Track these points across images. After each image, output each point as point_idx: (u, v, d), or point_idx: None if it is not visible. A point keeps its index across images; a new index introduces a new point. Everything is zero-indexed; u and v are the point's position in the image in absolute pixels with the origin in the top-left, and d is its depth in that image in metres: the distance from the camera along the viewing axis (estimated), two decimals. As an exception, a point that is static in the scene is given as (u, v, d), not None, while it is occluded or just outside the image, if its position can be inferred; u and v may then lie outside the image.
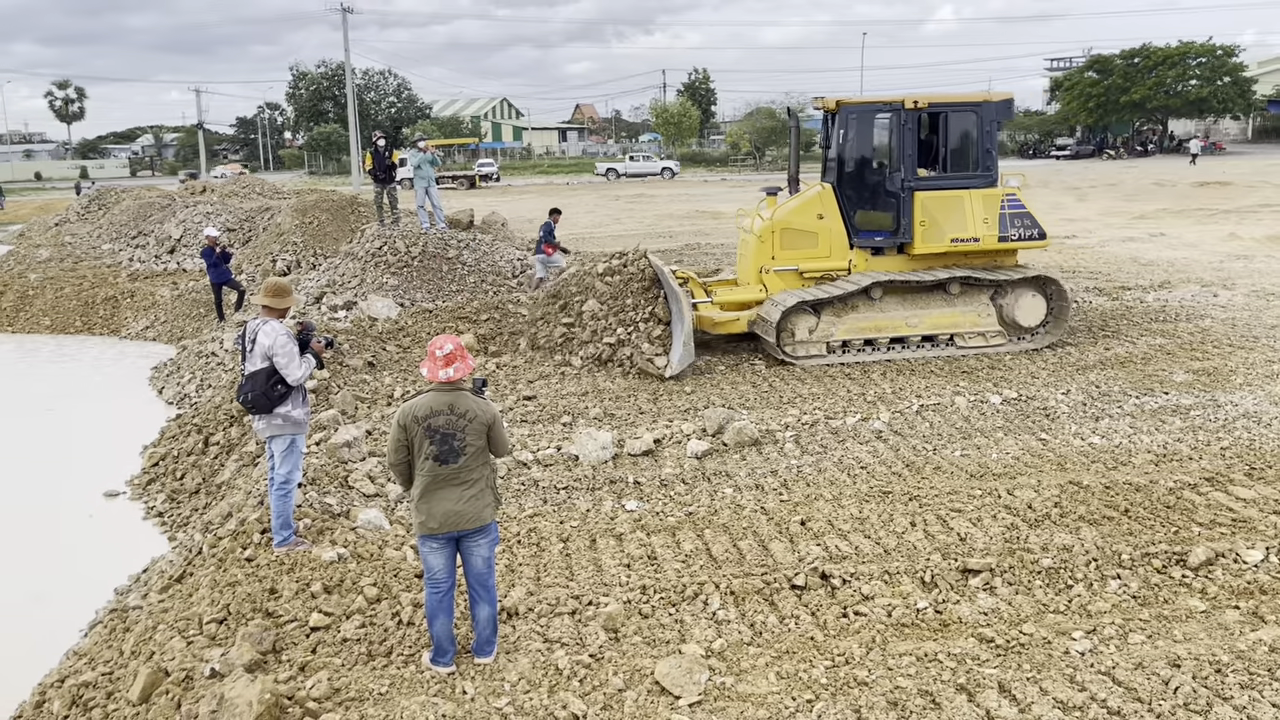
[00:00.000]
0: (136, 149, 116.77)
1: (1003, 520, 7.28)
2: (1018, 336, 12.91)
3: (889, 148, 12.83)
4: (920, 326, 12.64)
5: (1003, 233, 12.70)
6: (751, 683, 5.35)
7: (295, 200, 26.99)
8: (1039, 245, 13.07)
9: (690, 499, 8.13)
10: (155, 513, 9.88)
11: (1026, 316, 12.84)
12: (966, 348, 12.67)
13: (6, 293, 22.16)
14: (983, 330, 12.76)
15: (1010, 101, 13.17)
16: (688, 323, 11.94)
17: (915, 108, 12.59)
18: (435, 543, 5.49)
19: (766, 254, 12.91)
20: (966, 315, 12.75)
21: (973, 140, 12.86)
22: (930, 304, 12.74)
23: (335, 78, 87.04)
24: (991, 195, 12.73)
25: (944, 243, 12.59)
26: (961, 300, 12.78)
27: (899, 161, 12.63)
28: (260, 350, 6.70)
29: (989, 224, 12.65)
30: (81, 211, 34.47)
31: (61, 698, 5.95)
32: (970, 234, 12.63)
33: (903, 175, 12.62)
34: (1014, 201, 12.78)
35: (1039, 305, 12.87)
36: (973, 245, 12.66)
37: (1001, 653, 5.55)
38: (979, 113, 12.75)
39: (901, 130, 12.58)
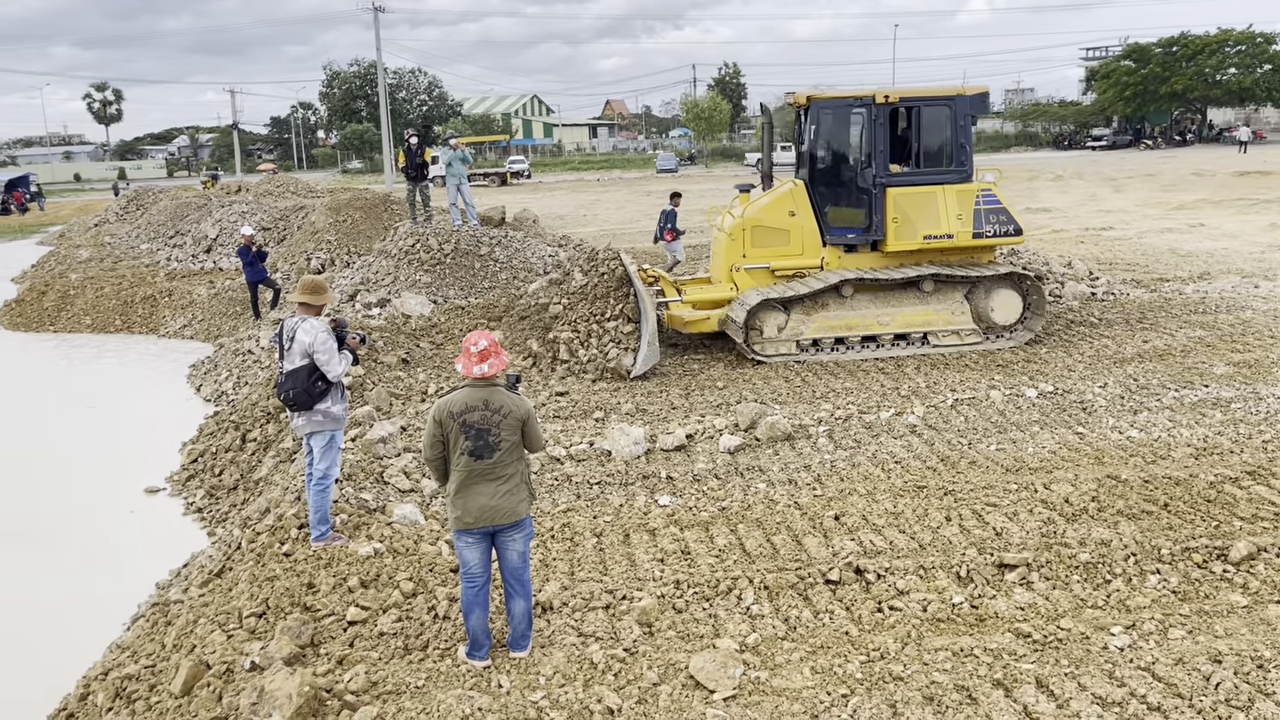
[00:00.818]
0: (173, 150, 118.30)
1: (1039, 515, 7.21)
2: (993, 335, 12.68)
3: (861, 143, 12.62)
4: (892, 325, 12.46)
5: (977, 229, 12.44)
6: (786, 677, 5.34)
7: (329, 199, 27.22)
8: (1014, 241, 12.85)
9: (723, 494, 8.13)
10: (195, 508, 10.02)
11: (1002, 314, 12.62)
12: (940, 346, 12.47)
13: (48, 292, 22.54)
14: (957, 328, 12.54)
15: (985, 95, 12.87)
16: (651, 322, 11.86)
17: (886, 102, 12.38)
18: (470, 537, 5.53)
19: (737, 252, 12.74)
20: (940, 313, 12.54)
21: (946, 135, 12.61)
22: (903, 302, 12.54)
23: (367, 77, 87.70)
24: (966, 191, 12.48)
25: (917, 240, 12.36)
26: (935, 298, 12.58)
27: (871, 157, 12.43)
28: (300, 347, 6.77)
29: (963, 220, 12.40)
30: (120, 212, 35.02)
31: (105, 690, 6.06)
32: (944, 230, 12.38)
33: (874, 171, 12.41)
34: (989, 197, 12.52)
35: (1014, 303, 12.63)
36: (946, 242, 12.41)
37: (1039, 648, 5.50)
38: (952, 107, 12.49)
39: (873, 125, 12.39)
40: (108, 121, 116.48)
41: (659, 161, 69.88)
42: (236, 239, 23.60)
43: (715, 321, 12.66)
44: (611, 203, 39.39)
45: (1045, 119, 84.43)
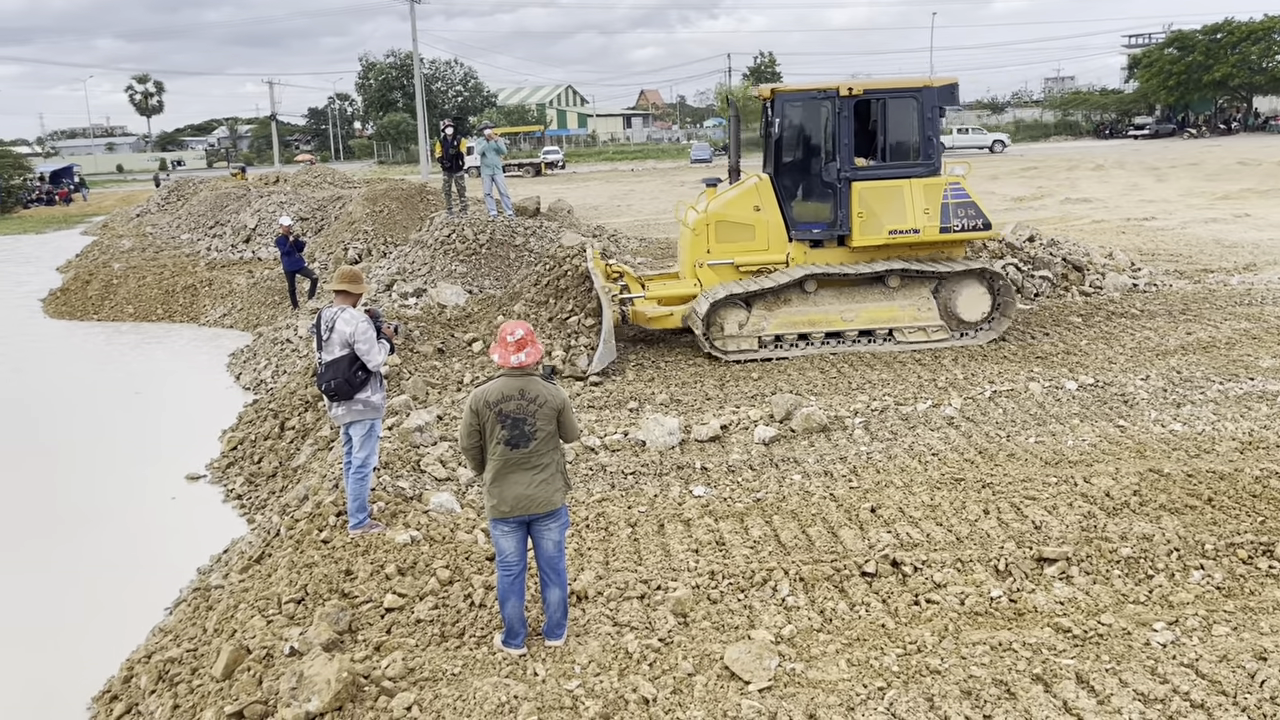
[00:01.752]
0: (213, 141, 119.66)
1: (1079, 508, 7.12)
2: (961, 332, 12.46)
3: (825, 136, 12.39)
4: (856, 321, 12.26)
5: (945, 224, 12.13)
6: (822, 669, 5.32)
7: (365, 189, 27.42)
8: (984, 236, 12.58)
9: (758, 485, 8.10)
10: (234, 495, 10.16)
11: (969, 310, 12.38)
12: (906, 343, 12.27)
13: (92, 281, 22.94)
14: (923, 325, 12.32)
15: (953, 87, 12.53)
16: (607, 320, 11.76)
17: (850, 95, 12.14)
18: (506, 526, 5.55)
19: (701, 248, 12.54)
20: (905, 309, 12.32)
21: (913, 127, 12.34)
22: (867, 297, 12.34)
23: (404, 67, 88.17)
24: (933, 185, 12.19)
25: (882, 235, 12.12)
26: (901, 294, 12.35)
27: (835, 151, 12.21)
28: (339, 337, 6.82)
29: (930, 215, 12.10)
30: (161, 202, 35.49)
31: (149, 673, 6.17)
32: (910, 225, 12.11)
33: (839, 165, 12.19)
34: (958, 191, 12.22)
35: (982, 299, 12.39)
36: (912, 237, 12.15)
37: (1079, 643, 5.44)
38: (919, 99, 12.21)
39: (837, 118, 12.17)
40: (149, 113, 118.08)
41: (693, 152, 69.66)
42: (274, 229, 23.84)
43: (679, 318, 12.49)
44: (645, 193, 39.33)
45: (1085, 107, 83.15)
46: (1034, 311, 13.98)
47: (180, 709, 5.65)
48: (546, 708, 5.03)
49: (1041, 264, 15.47)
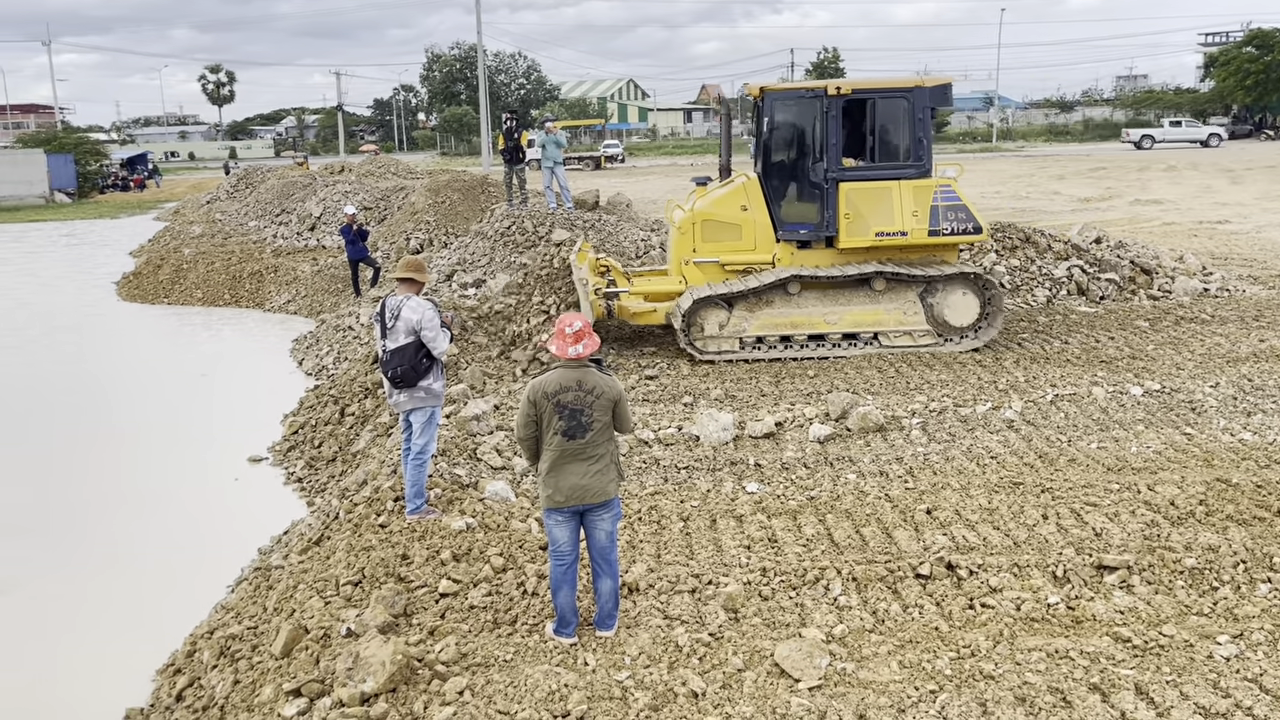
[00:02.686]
0: (280, 130, 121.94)
1: (1142, 516, 6.97)
2: (949, 337, 12.16)
3: (813, 136, 12.17)
4: (840, 324, 12.03)
5: (934, 226, 11.86)
6: (873, 670, 5.28)
7: (428, 180, 27.74)
8: (974, 240, 12.29)
9: (812, 483, 8.06)
10: (295, 478, 10.37)
11: (957, 316, 12.05)
12: (892, 347, 12.02)
13: (163, 266, 23.54)
14: (909, 329, 12.06)
15: (946, 87, 12.24)
16: (585, 314, 11.58)
17: (839, 94, 11.91)
18: (560, 516, 5.60)
19: (687, 246, 12.40)
20: (891, 313, 12.07)
21: (903, 128, 12.07)
22: (852, 300, 12.10)
23: (467, 60, 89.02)
24: (923, 187, 11.93)
25: (869, 237, 11.88)
26: (886, 297, 12.09)
27: (823, 151, 12.00)
28: (405, 325, 6.92)
29: (919, 217, 11.83)
30: (230, 190, 36.24)
31: (211, 648, 6.33)
32: (897, 227, 11.85)
33: (826, 165, 11.98)
34: (948, 193, 11.95)
35: (971, 304, 12.06)
36: (900, 239, 11.89)
37: (1139, 653, 5.33)
38: (910, 99, 11.94)
39: (825, 118, 11.95)
40: (221, 102, 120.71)
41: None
42: (339, 218, 24.23)
43: (663, 314, 12.39)
44: (705, 188, 39.26)
45: (1159, 107, 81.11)
46: (1099, 315, 13.70)
47: (240, 684, 5.80)
48: (596, 697, 5.06)
49: (1108, 266, 15.15)
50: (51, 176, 51.11)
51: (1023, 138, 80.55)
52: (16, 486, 10.52)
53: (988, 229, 12.27)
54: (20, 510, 9.85)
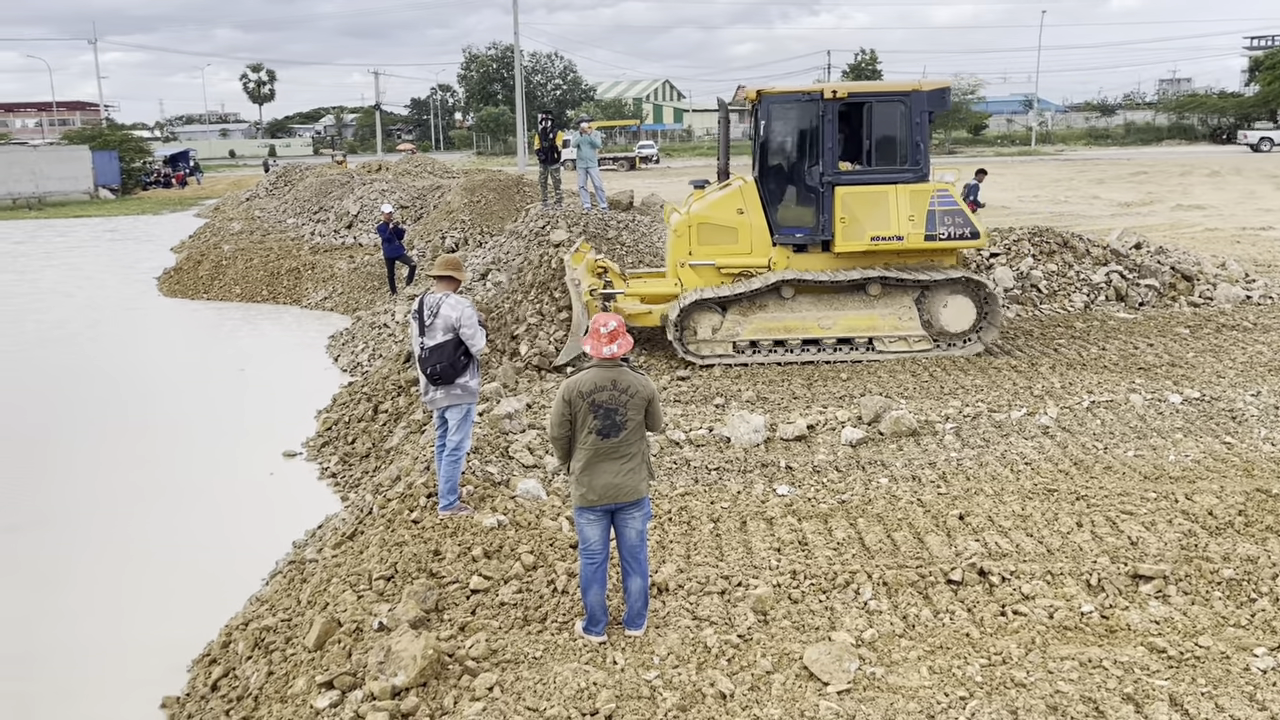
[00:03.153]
0: (319, 129, 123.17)
1: (1179, 526, 6.88)
2: (944, 343, 12.02)
3: (809, 140, 12.07)
4: (834, 328, 11.93)
5: (930, 231, 11.75)
6: (903, 675, 5.26)
7: (464, 179, 27.91)
8: (971, 245, 12.11)
9: (843, 487, 8.03)
10: (329, 473, 10.48)
11: (952, 321, 11.95)
12: (887, 352, 11.91)
13: (203, 262, 23.85)
14: (904, 334, 11.94)
15: (944, 91, 12.14)
16: (577, 313, 11.76)
17: (835, 98, 11.83)
18: (592, 515, 5.63)
19: (684, 249, 12.36)
20: (886, 318, 11.95)
21: (900, 133, 11.96)
22: (847, 305, 12.00)
23: (504, 60, 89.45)
24: (920, 191, 11.82)
25: (864, 241, 11.79)
26: (881, 302, 11.98)
27: (819, 154, 11.91)
28: (444, 322, 6.98)
29: (915, 221, 11.73)
30: (269, 187, 36.65)
31: (245, 639, 6.43)
32: (893, 232, 11.75)
33: (822, 169, 11.90)
34: (945, 198, 11.83)
35: (967, 310, 11.96)
36: (896, 244, 11.79)
37: (1174, 664, 5.27)
38: (907, 103, 11.83)
39: (821, 122, 11.86)
40: (261, 101, 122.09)
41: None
42: (376, 216, 24.44)
43: (658, 316, 12.36)
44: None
45: (1202, 111, 79.91)
46: (1138, 321, 13.53)
47: (274, 675, 5.88)
48: (625, 696, 5.08)
49: (1148, 272, 14.96)
50: (96, 173, 51.98)
51: (1062, 141, 79.66)
52: (57, 477, 10.71)
53: (985, 234, 12.18)
54: (60, 501, 10.03)
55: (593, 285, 12.41)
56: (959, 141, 77.95)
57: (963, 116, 76.85)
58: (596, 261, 12.96)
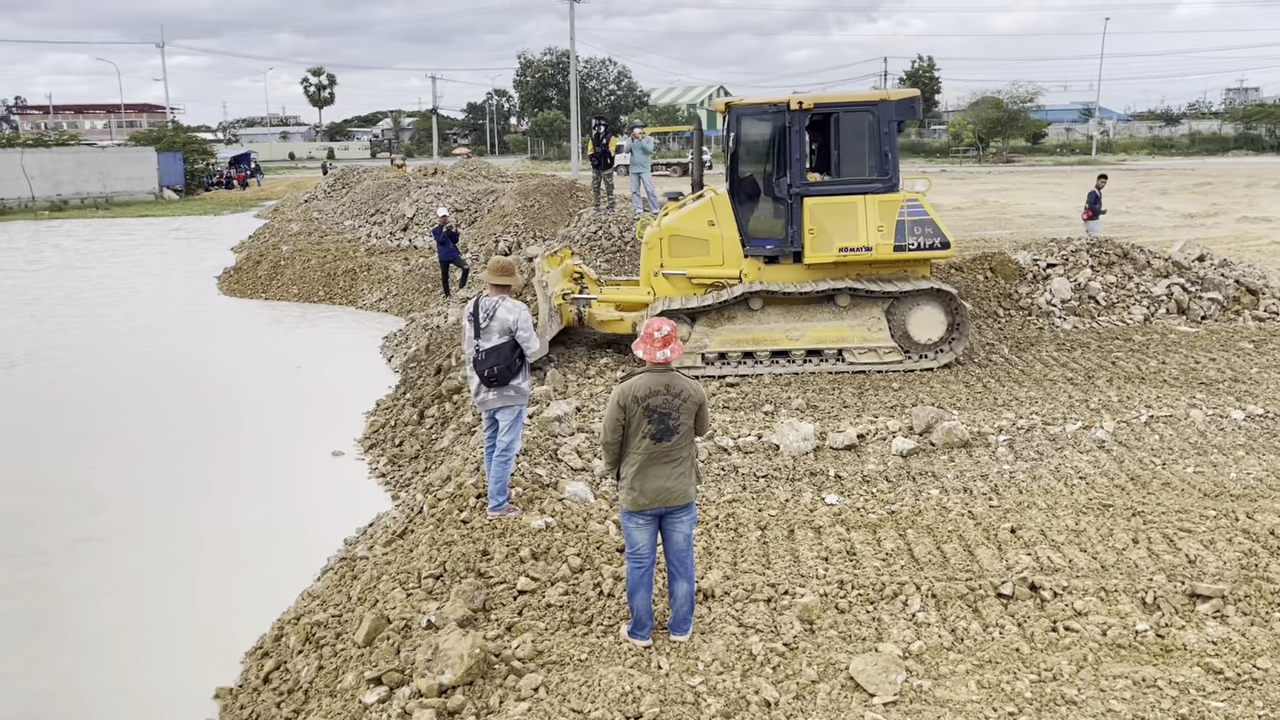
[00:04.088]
0: (376, 132, 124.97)
1: (1239, 545, 6.72)
2: (915, 354, 11.80)
3: (778, 151, 11.93)
4: (803, 340, 11.75)
5: (899, 242, 11.57)
6: (950, 688, 5.20)
7: (518, 184, 28.14)
8: (941, 255, 11.90)
9: (893, 497, 7.96)
10: (379, 473, 10.64)
11: (922, 332, 11.73)
12: (857, 364, 11.70)
13: (262, 262, 24.32)
14: (873, 345, 11.74)
15: (914, 100, 11.92)
16: (542, 314, 11.78)
17: (801, 109, 11.68)
18: (642, 519, 5.66)
19: (655, 261, 12.28)
20: (855, 329, 11.75)
21: (868, 143, 11.77)
22: (816, 316, 11.81)
23: (559, 65, 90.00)
24: (889, 202, 11.63)
25: (833, 252, 11.63)
26: (850, 313, 11.79)
27: (787, 166, 11.76)
28: (500, 325, 7.07)
29: (884, 232, 11.56)
30: (327, 190, 37.23)
31: (297, 633, 6.55)
32: (862, 243, 11.60)
33: (790, 181, 11.73)
34: (915, 208, 11.62)
35: (937, 320, 11.71)
36: (864, 255, 11.62)
37: (1231, 686, 5.15)
38: (875, 113, 11.67)
39: (788, 133, 11.72)
40: (321, 104, 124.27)
41: None
42: (431, 219, 24.73)
43: (630, 324, 12.30)
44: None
45: (1270, 121, 77.92)
46: (1199, 335, 13.23)
47: (324, 670, 5.98)
48: (669, 701, 5.09)
49: (1211, 285, 14.62)
50: (161, 174, 53.31)
51: (1124, 150, 78.16)
52: (115, 470, 10.99)
53: (955, 244, 12.02)
54: (117, 493, 10.29)
55: (567, 289, 12.47)
56: (1017, 150, 76.90)
57: (1021, 125, 75.79)
58: (574, 267, 13.01)
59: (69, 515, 9.68)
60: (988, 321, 14.04)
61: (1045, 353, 12.45)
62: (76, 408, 13.59)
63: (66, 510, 9.81)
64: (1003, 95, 74.24)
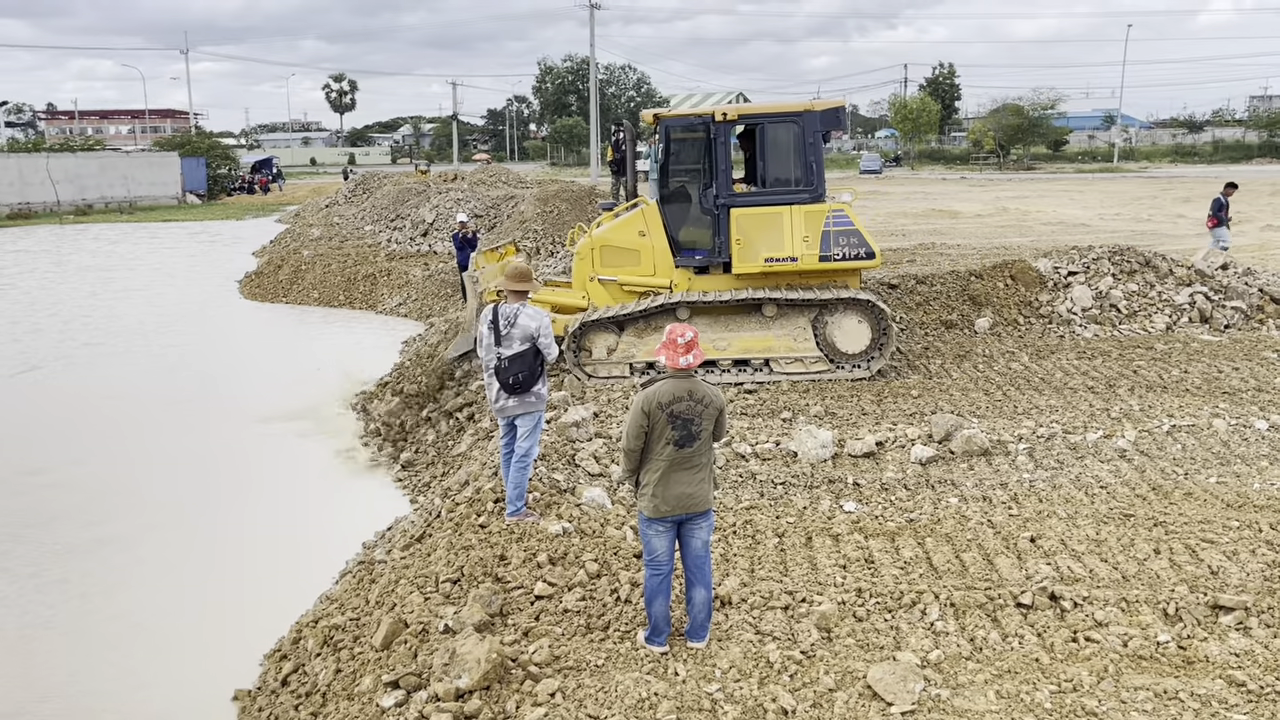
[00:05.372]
0: (397, 138, 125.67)
1: (1263, 556, 6.65)
2: (841, 363, 11.77)
3: (704, 162, 11.93)
4: (730, 350, 11.70)
5: (825, 252, 11.53)
6: (969, 698, 5.17)
7: (537, 190, 28.21)
8: (867, 265, 11.81)
9: (912, 505, 7.93)
10: (396, 478, 10.68)
11: (847, 342, 11.70)
12: (783, 373, 11.67)
13: (283, 267, 24.49)
14: (799, 355, 11.69)
15: (838, 110, 11.86)
16: (470, 307, 11.85)
17: (725, 120, 11.67)
18: (662, 525, 5.66)
19: (587, 272, 12.31)
20: (781, 339, 11.72)
21: (793, 153, 11.75)
22: (743, 326, 11.77)
23: (579, 72, 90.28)
24: (815, 212, 11.59)
25: (759, 262, 11.61)
26: (777, 323, 11.75)
27: (713, 177, 11.75)
28: (521, 332, 7.08)
29: (809, 242, 11.52)
30: (348, 195, 37.45)
31: (315, 636, 6.58)
32: (787, 253, 11.56)
33: (716, 191, 11.71)
34: (841, 219, 11.57)
35: (862, 331, 11.69)
36: (790, 265, 11.59)
37: (1254, 699, 5.09)
38: (800, 123, 11.62)
39: (714, 144, 11.71)
40: (342, 110, 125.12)
41: (862, 163, 68.52)
42: (451, 224, 24.83)
43: (561, 326, 12.15)
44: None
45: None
46: (1222, 344, 13.11)
47: (342, 673, 6.00)
48: (685, 708, 5.08)
49: (1234, 294, 14.49)
50: (184, 179, 53.80)
51: (1146, 158, 77.63)
52: (134, 471, 11.08)
53: (880, 254, 11.98)
54: (140, 492, 10.37)
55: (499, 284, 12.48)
56: (1038, 157, 76.52)
57: (1043, 132, 75.45)
58: None
59: (91, 516, 9.76)
60: (1008, 329, 13.97)
61: (1066, 361, 12.37)
62: (97, 410, 13.70)
63: (89, 511, 9.89)
64: (1024, 102, 73.97)
